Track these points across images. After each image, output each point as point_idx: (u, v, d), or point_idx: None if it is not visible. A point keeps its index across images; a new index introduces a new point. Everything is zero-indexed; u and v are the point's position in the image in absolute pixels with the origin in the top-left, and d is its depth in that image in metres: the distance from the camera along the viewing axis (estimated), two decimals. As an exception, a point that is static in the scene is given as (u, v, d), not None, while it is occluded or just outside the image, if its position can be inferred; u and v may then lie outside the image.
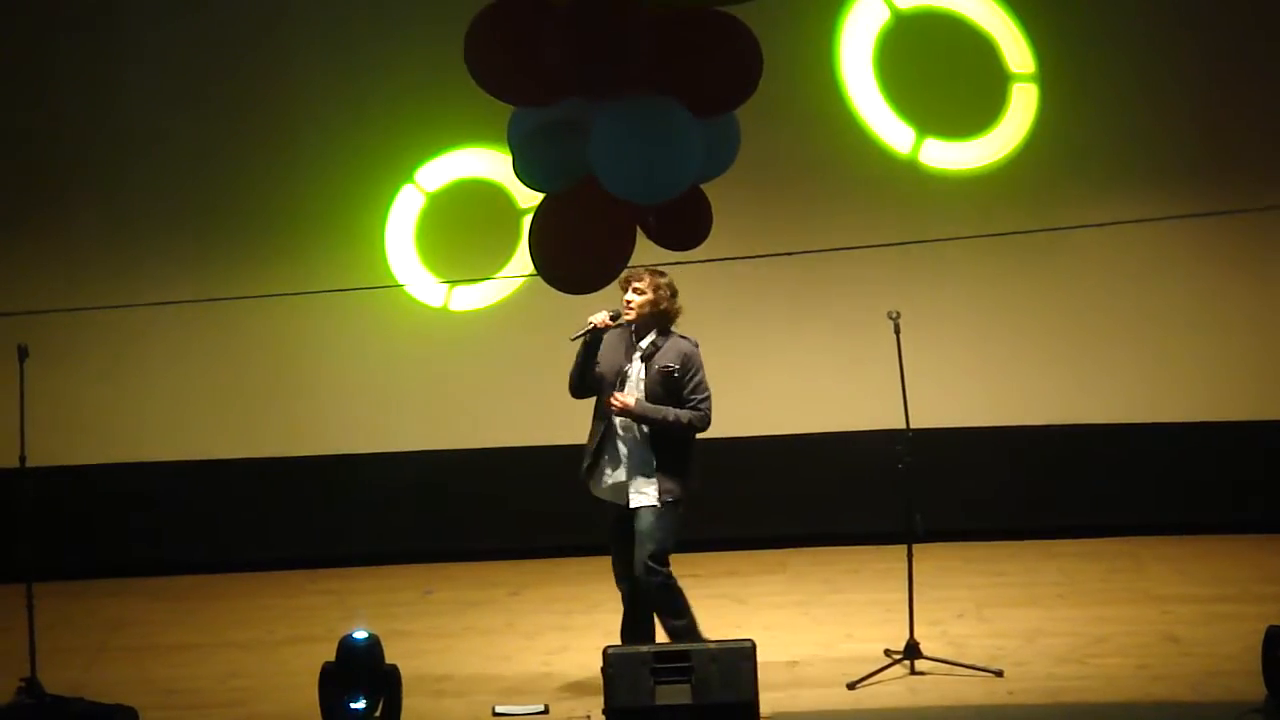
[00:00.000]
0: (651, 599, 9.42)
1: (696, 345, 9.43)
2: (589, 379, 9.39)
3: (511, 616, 11.15)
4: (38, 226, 12.07)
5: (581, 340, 9.33)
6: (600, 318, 9.30)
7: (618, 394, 9.31)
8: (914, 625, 9.75)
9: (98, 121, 12.01)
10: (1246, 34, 12.00)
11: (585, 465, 9.49)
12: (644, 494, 9.34)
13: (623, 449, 9.38)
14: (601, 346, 9.37)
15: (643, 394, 9.35)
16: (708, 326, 9.88)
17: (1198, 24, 11.98)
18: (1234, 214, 11.30)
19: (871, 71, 12.01)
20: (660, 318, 9.37)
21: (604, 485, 9.42)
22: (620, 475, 9.38)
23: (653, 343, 9.37)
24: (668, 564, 9.38)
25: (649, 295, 9.30)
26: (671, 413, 9.31)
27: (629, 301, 9.30)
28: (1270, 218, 11.56)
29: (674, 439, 9.36)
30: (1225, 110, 12.01)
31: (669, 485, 9.34)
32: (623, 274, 9.08)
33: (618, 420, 9.37)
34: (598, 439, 9.42)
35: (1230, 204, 11.36)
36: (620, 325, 9.37)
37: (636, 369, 9.37)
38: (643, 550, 9.34)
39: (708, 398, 9.38)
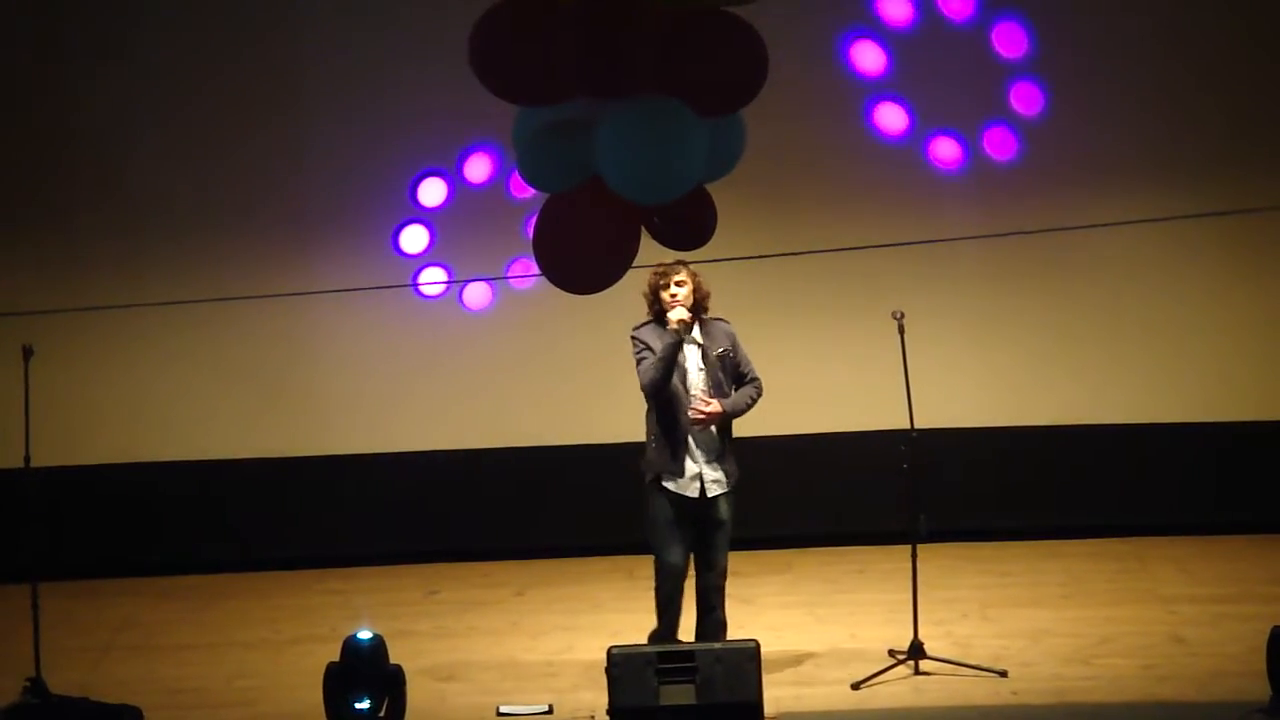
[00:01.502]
0: (720, 592, 9.48)
1: (730, 323, 9.52)
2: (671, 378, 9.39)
3: (516, 616, 11.14)
4: (42, 226, 12.05)
5: (672, 341, 9.31)
6: (684, 314, 9.32)
7: (699, 406, 9.32)
8: (918, 625, 9.75)
9: (102, 120, 11.99)
10: (1256, 31, 11.98)
11: (663, 460, 9.41)
12: (719, 482, 9.42)
13: (692, 439, 9.40)
14: (652, 343, 9.37)
15: (708, 383, 9.40)
16: (712, 326, 9.89)
17: (1207, 21, 11.95)
18: (1241, 214, 11.29)
19: (876, 70, 12.00)
20: (701, 304, 9.45)
21: (680, 479, 9.40)
22: (697, 466, 9.41)
23: (703, 331, 9.43)
24: None
25: (690, 284, 9.37)
26: (745, 396, 9.49)
27: (675, 295, 9.33)
28: (1275, 217, 11.54)
29: (730, 422, 9.46)
30: (1233, 109, 11.98)
31: (734, 468, 9.47)
32: (656, 276, 9.19)
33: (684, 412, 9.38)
34: (668, 434, 9.40)
35: (1235, 204, 11.34)
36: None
37: (693, 360, 9.41)
38: (728, 541, 9.47)
39: (753, 367, 9.54)
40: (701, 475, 9.39)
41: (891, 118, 12.03)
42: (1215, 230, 11.73)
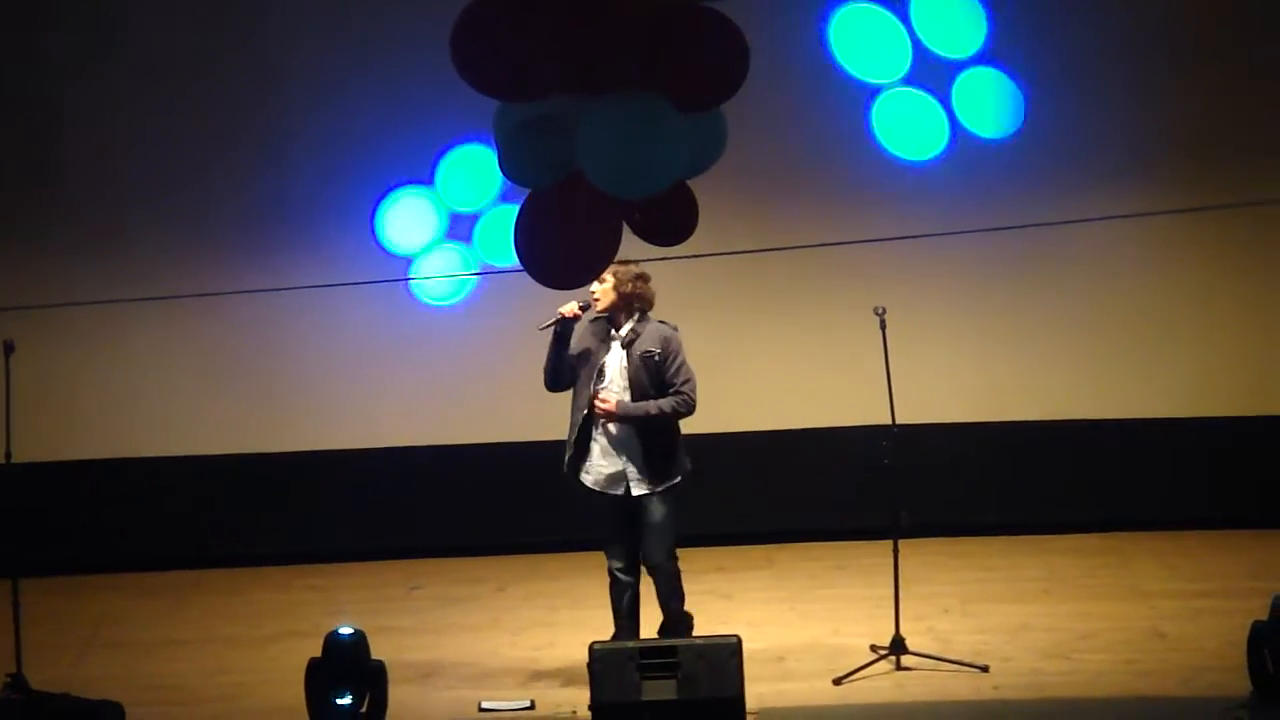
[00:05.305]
0: (665, 588, 9.48)
1: (676, 329, 9.52)
2: (564, 371, 9.44)
3: (497, 612, 11.14)
4: (24, 221, 12.04)
5: (551, 331, 9.39)
6: (569, 307, 9.39)
7: (602, 396, 9.36)
8: (900, 620, 9.76)
9: (84, 117, 11.98)
10: (1234, 27, 11.99)
11: (569, 457, 9.51)
12: (644, 482, 9.39)
13: (614, 435, 9.40)
14: (577, 338, 9.43)
15: (625, 382, 9.38)
16: (693, 322, 9.90)
17: (1187, 18, 11.97)
18: (1222, 209, 11.31)
19: (858, 66, 12.00)
20: (631, 304, 9.43)
21: (596, 476, 9.43)
22: (614, 464, 9.41)
23: (632, 330, 9.43)
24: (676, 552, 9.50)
25: (610, 283, 9.36)
26: (654, 406, 9.38)
27: (593, 292, 9.37)
28: (1261, 212, 11.56)
29: (659, 424, 9.40)
30: (1213, 104, 11.99)
31: (667, 470, 9.40)
32: None
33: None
34: (579, 429, 9.45)
35: (1218, 199, 11.36)
36: (585, 316, 9.42)
37: (617, 357, 9.42)
38: (663, 539, 9.45)
39: (689, 381, 9.46)
40: (625, 474, 9.40)
41: (874, 113, 12.03)
42: (1197, 226, 11.75)
